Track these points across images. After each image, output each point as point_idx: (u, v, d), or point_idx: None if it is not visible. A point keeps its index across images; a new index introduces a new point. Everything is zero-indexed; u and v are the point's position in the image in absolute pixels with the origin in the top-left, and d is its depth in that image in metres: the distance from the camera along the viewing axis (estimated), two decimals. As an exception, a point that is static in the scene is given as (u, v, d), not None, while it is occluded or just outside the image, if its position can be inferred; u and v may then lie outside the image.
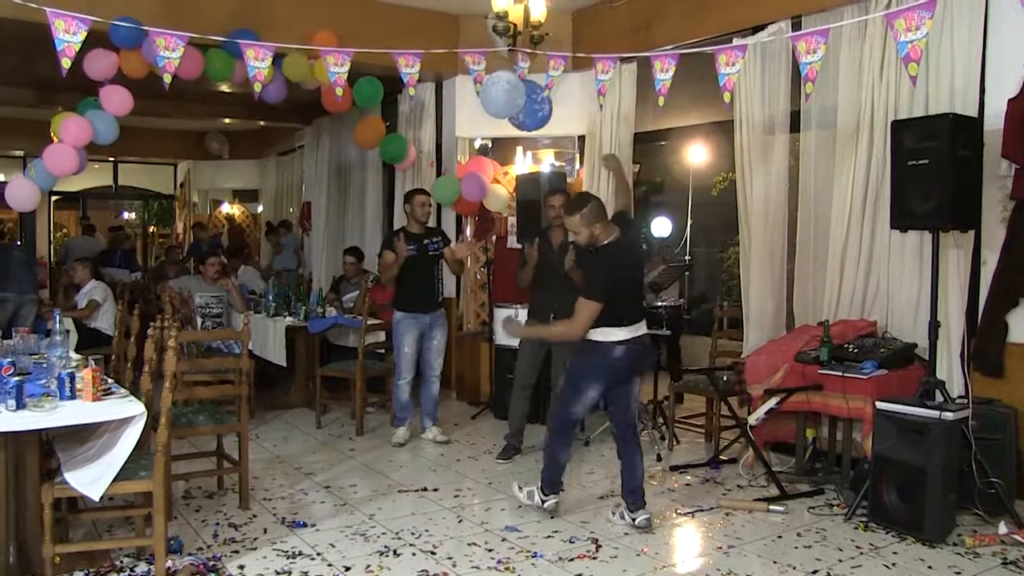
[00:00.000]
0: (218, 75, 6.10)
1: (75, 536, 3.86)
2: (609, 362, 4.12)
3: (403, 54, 6.16)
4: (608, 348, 4.10)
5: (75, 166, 5.83)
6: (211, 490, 4.65)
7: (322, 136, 9.91)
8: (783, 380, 4.76)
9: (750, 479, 4.94)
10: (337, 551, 3.78)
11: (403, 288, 5.73)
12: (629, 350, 4.12)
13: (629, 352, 4.12)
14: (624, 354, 4.11)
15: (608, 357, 4.11)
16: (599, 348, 4.11)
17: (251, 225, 13.99)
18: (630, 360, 4.15)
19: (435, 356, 5.84)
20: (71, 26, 4.98)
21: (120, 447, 3.18)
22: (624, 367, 4.17)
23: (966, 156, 4.19)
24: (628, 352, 4.12)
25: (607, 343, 4.09)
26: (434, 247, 5.74)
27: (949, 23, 4.56)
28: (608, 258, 4.16)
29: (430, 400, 5.89)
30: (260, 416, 6.51)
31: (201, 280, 7.11)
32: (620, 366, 4.15)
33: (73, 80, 5.46)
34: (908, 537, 3.97)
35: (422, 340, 5.79)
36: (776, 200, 5.61)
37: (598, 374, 4.16)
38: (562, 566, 3.63)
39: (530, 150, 7.75)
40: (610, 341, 4.09)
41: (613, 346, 4.09)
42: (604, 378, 4.17)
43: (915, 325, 4.76)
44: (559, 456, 4.32)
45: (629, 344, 4.11)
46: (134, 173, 15.19)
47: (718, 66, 5.12)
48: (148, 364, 3.66)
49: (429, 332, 5.79)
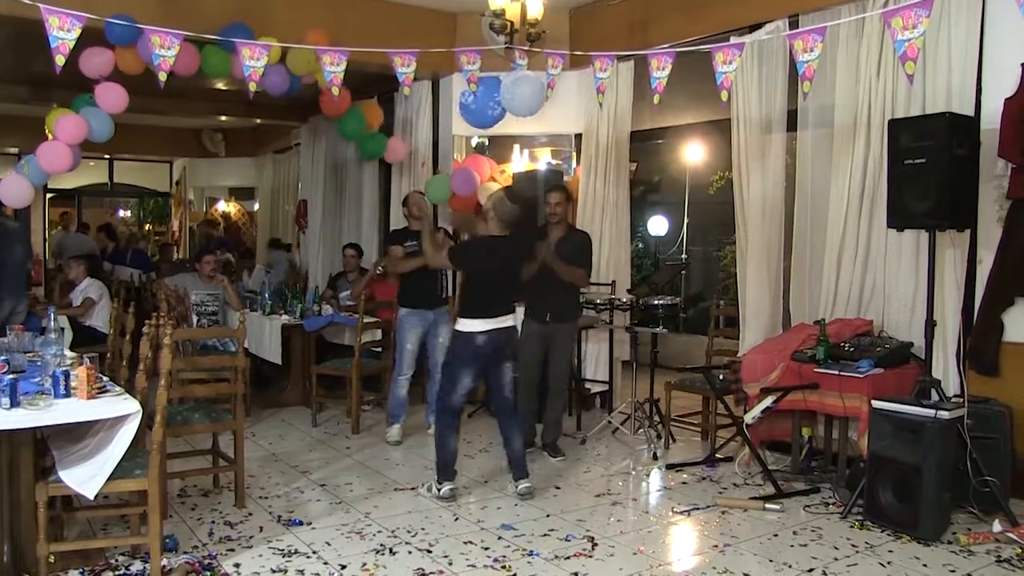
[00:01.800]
0: (215, 71, 6.07)
1: (70, 535, 3.85)
2: (473, 349, 4.56)
3: (399, 53, 6.14)
4: (471, 337, 4.55)
5: (69, 163, 5.81)
6: (207, 488, 4.64)
7: (318, 134, 9.88)
8: (779, 379, 4.76)
9: (746, 477, 4.95)
10: (333, 549, 3.78)
11: (408, 285, 5.81)
12: (490, 339, 4.56)
13: (490, 340, 4.56)
14: (485, 342, 4.55)
15: (472, 345, 4.56)
16: (464, 337, 4.58)
17: (247, 223, 13.95)
18: (492, 347, 4.58)
19: (440, 353, 5.84)
20: (65, 23, 4.96)
21: (115, 445, 3.16)
22: (487, 353, 4.59)
23: (963, 155, 4.20)
24: (489, 340, 4.56)
25: (471, 333, 4.55)
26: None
27: (946, 22, 4.57)
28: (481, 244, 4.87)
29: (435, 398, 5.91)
30: (256, 414, 6.49)
31: (197, 278, 7.09)
32: (483, 352, 4.58)
33: (68, 77, 5.43)
34: (903, 535, 3.98)
35: (426, 337, 5.84)
36: (773, 199, 5.62)
37: (466, 361, 4.59)
38: (558, 564, 3.63)
39: (527, 149, 7.74)
40: (473, 331, 4.54)
41: (475, 335, 4.54)
42: (471, 364, 4.60)
43: (911, 324, 4.77)
44: (447, 442, 4.62)
45: (491, 334, 4.56)
46: (130, 170, 15.14)
47: (715, 64, 5.11)
48: (143, 362, 3.64)
49: (434, 329, 5.84)
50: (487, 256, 4.67)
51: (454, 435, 4.64)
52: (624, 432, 5.99)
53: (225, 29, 5.80)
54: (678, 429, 6.05)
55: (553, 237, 5.34)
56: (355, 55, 5.98)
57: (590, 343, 6.69)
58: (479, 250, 4.87)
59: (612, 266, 6.72)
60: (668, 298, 5.78)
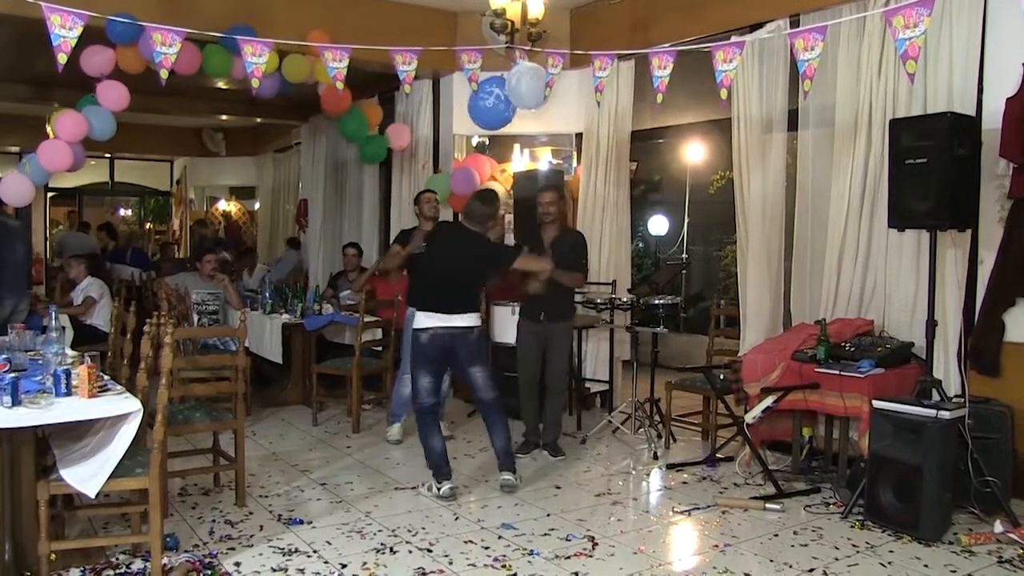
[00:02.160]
0: (216, 71, 6.08)
1: (71, 533, 3.85)
2: (419, 347, 4.56)
3: (400, 51, 6.15)
4: (418, 334, 4.55)
5: (69, 162, 5.81)
6: (207, 487, 4.64)
7: (319, 133, 9.89)
8: (780, 378, 4.76)
9: (747, 477, 4.94)
10: (334, 548, 3.78)
11: (416, 284, 5.77)
12: (435, 338, 4.51)
13: (435, 340, 4.52)
14: (429, 341, 4.52)
15: (417, 342, 4.56)
16: (413, 334, 4.58)
17: (248, 222, 13.95)
18: (438, 348, 4.54)
19: None
20: (67, 21, 4.96)
21: (116, 444, 3.17)
22: (432, 355, 4.56)
23: (964, 155, 4.19)
24: (433, 339, 4.52)
25: (417, 329, 4.55)
26: None
27: (948, 21, 4.56)
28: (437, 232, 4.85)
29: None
30: (256, 413, 6.49)
31: (197, 277, 7.10)
32: (428, 352, 4.56)
33: (69, 76, 5.44)
34: (904, 536, 3.97)
35: None
36: (774, 199, 5.61)
37: (416, 359, 4.61)
38: (558, 564, 3.63)
39: (528, 148, 7.74)
40: (419, 327, 4.54)
41: (419, 332, 4.55)
42: (422, 364, 4.58)
43: (912, 324, 4.76)
44: (431, 443, 4.59)
45: (435, 332, 4.51)
46: (130, 170, 15.13)
47: (715, 63, 5.12)
48: (144, 361, 3.64)
49: None
50: (439, 245, 4.65)
51: (435, 435, 4.61)
52: (624, 432, 5.99)
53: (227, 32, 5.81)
54: (678, 429, 6.05)
55: (547, 237, 5.33)
56: (356, 53, 5.99)
57: (590, 342, 6.69)
58: (433, 236, 4.86)
59: (612, 266, 6.73)
60: (668, 298, 5.78)
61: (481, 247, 4.72)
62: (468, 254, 4.65)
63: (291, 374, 6.95)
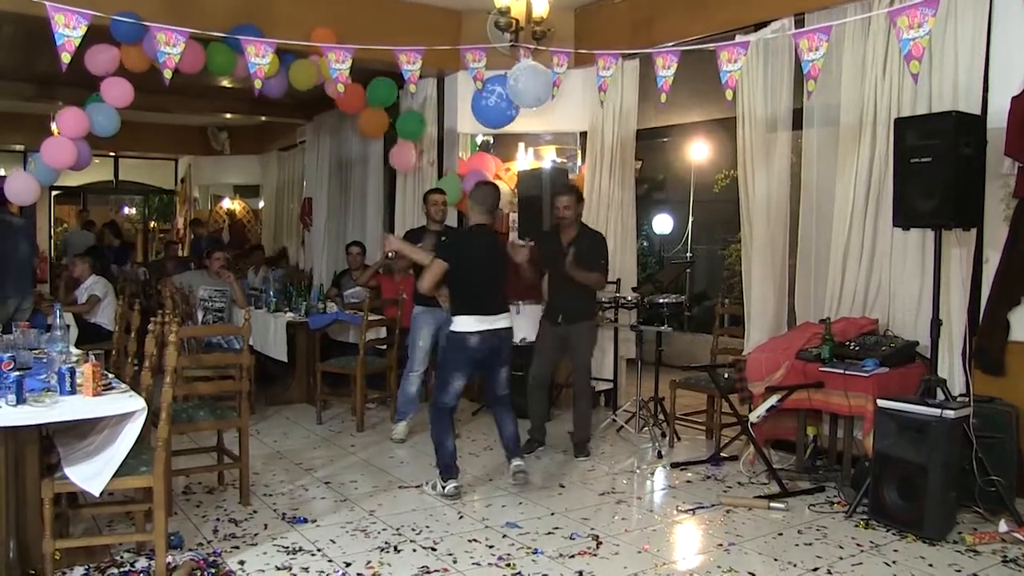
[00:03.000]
0: (219, 69, 6.09)
1: (75, 531, 3.86)
2: (466, 352, 4.51)
3: (404, 51, 6.15)
4: (464, 338, 4.49)
5: (73, 159, 5.81)
6: (211, 486, 4.65)
7: (323, 132, 9.90)
8: (784, 378, 4.75)
9: (751, 476, 4.94)
10: (338, 547, 3.78)
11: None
12: (484, 340, 4.49)
13: (484, 342, 4.50)
14: (479, 344, 4.49)
15: (464, 346, 4.50)
16: (457, 338, 4.52)
17: (252, 221, 13.98)
18: (486, 350, 4.52)
19: None
20: (71, 20, 4.98)
21: (120, 442, 3.17)
22: (480, 358, 4.55)
23: (969, 154, 4.18)
24: (483, 342, 4.49)
25: (464, 333, 4.49)
26: None
27: (952, 20, 4.55)
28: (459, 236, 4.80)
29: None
30: (260, 412, 6.51)
31: (204, 274, 7.12)
32: (476, 356, 4.54)
33: (74, 75, 5.45)
34: (908, 535, 3.97)
35: (438, 335, 5.83)
36: (778, 198, 5.60)
37: (458, 364, 4.55)
38: (562, 562, 3.63)
39: (532, 147, 7.74)
40: (466, 331, 4.49)
41: (467, 336, 4.48)
42: (463, 367, 4.57)
43: (917, 323, 4.75)
44: (445, 442, 4.58)
45: (484, 335, 4.49)
46: (135, 168, 15.16)
47: (720, 63, 5.12)
48: (148, 359, 3.65)
49: (446, 327, 5.79)
50: (466, 246, 4.63)
51: (450, 435, 4.62)
52: (629, 430, 5.98)
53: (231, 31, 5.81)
54: (683, 428, 6.04)
55: (565, 239, 5.31)
56: (360, 52, 5.99)
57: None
58: (458, 239, 4.86)
59: (617, 264, 6.71)
60: (673, 296, 5.77)
61: (500, 245, 4.78)
62: (496, 254, 4.70)
63: (295, 372, 6.96)
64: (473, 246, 4.63)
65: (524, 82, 6.17)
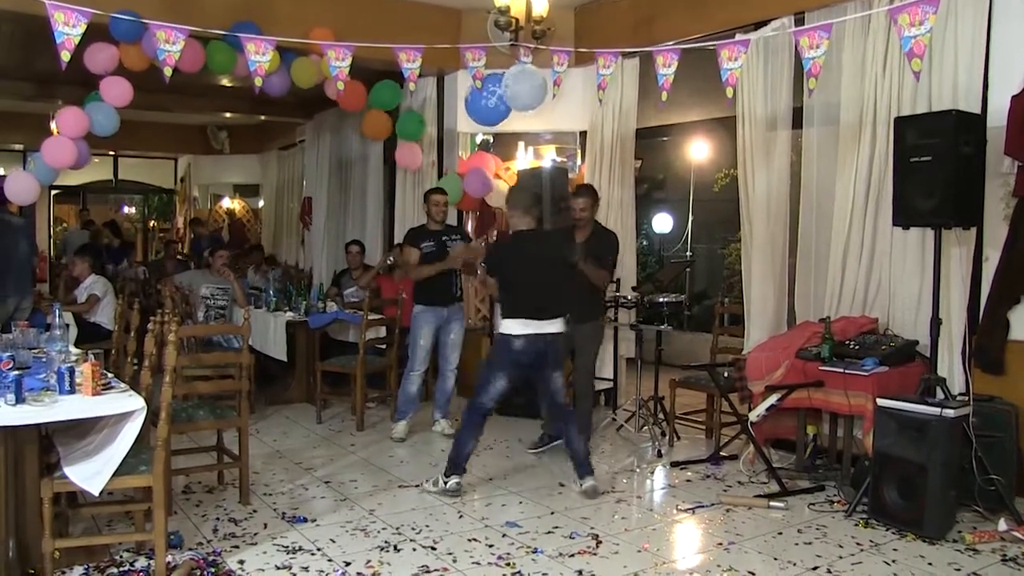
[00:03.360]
0: (219, 68, 6.08)
1: (75, 531, 3.86)
2: (510, 354, 4.42)
3: (404, 49, 6.14)
4: (509, 340, 4.41)
5: (73, 158, 5.80)
6: (211, 485, 4.65)
7: (323, 131, 9.89)
8: (784, 377, 4.75)
9: (751, 475, 4.94)
10: (337, 546, 3.78)
11: (423, 282, 5.82)
12: (529, 344, 4.41)
13: (529, 346, 4.41)
14: (524, 347, 4.41)
15: (509, 349, 4.42)
16: (502, 340, 4.45)
17: (252, 220, 13.97)
18: (532, 354, 4.43)
19: (451, 350, 5.92)
20: (71, 19, 4.97)
21: (120, 442, 3.17)
22: (525, 361, 4.46)
23: (969, 153, 4.17)
24: (528, 346, 4.41)
25: (508, 335, 4.41)
26: (452, 244, 5.86)
27: (953, 19, 4.54)
28: (508, 243, 4.60)
29: (444, 395, 5.97)
30: (260, 411, 6.51)
31: (207, 273, 7.13)
32: (520, 360, 4.45)
33: (73, 73, 5.44)
34: (908, 534, 3.97)
35: (439, 333, 5.87)
36: (778, 197, 5.60)
37: (502, 365, 4.47)
38: (562, 562, 3.63)
39: (532, 146, 7.73)
40: (511, 334, 4.40)
41: (512, 339, 4.40)
42: (507, 369, 4.48)
43: (916, 322, 4.75)
44: (466, 443, 4.54)
45: (530, 338, 4.40)
46: (134, 167, 15.16)
47: (720, 61, 5.11)
48: (148, 359, 3.65)
49: (446, 326, 5.88)
50: (516, 253, 4.56)
51: (474, 437, 4.57)
52: (629, 429, 5.98)
53: (231, 28, 5.80)
54: (682, 427, 6.04)
55: (580, 238, 5.30)
56: (360, 51, 5.99)
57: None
58: (507, 250, 4.73)
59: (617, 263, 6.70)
60: (673, 295, 5.77)
61: (558, 246, 4.71)
62: (551, 255, 4.62)
63: (295, 372, 6.96)
64: (523, 253, 4.54)
65: (515, 87, 6.19)
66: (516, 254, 4.59)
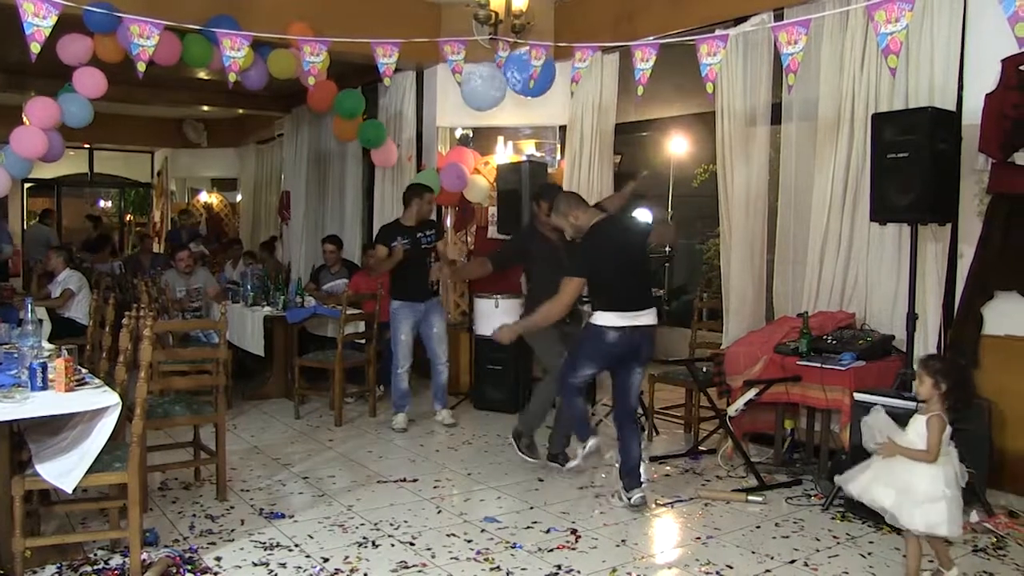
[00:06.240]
0: (196, 61, 6.00)
1: (47, 529, 3.81)
2: (602, 346, 4.21)
3: (381, 43, 6.10)
4: (601, 332, 4.18)
5: (44, 149, 5.66)
6: (188, 481, 4.60)
7: (301, 125, 9.81)
8: (762, 371, 4.78)
9: (729, 470, 4.96)
10: (315, 542, 3.76)
11: (399, 278, 5.85)
12: (624, 337, 4.18)
13: (624, 339, 4.18)
14: (616, 340, 4.18)
15: (601, 340, 4.19)
16: (594, 330, 4.22)
17: (230, 214, 13.85)
18: (623, 347, 4.21)
19: (438, 344, 5.97)
20: (40, 10, 4.88)
21: (94, 438, 3.13)
22: (616, 353, 4.24)
23: (944, 150, 4.22)
24: (623, 338, 4.18)
25: (601, 327, 4.19)
26: (427, 240, 5.89)
27: (929, 17, 4.58)
28: (589, 238, 4.27)
29: (440, 387, 6.06)
30: (238, 406, 6.46)
31: (176, 274, 7.08)
32: (612, 352, 4.23)
33: (46, 65, 5.35)
34: (884, 527, 3.99)
35: (419, 328, 5.90)
36: (757, 192, 5.62)
37: (591, 355, 4.30)
38: (541, 556, 3.63)
39: (511, 140, 7.72)
40: (603, 325, 4.18)
41: (606, 331, 4.17)
42: (597, 360, 4.32)
43: (893, 317, 4.79)
44: (575, 409, 4.43)
45: (625, 331, 4.18)
46: (110, 160, 14.96)
47: (700, 56, 5.13)
48: (123, 354, 3.60)
49: (426, 319, 5.91)
50: (594, 250, 4.24)
51: (578, 401, 4.42)
52: (607, 424, 5.98)
53: (208, 22, 5.74)
54: (661, 422, 6.07)
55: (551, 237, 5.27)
56: (337, 45, 5.94)
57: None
58: (585, 250, 4.30)
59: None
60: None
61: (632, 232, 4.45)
62: (633, 240, 4.36)
63: (273, 367, 6.91)
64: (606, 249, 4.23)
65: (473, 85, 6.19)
66: (603, 246, 4.24)
